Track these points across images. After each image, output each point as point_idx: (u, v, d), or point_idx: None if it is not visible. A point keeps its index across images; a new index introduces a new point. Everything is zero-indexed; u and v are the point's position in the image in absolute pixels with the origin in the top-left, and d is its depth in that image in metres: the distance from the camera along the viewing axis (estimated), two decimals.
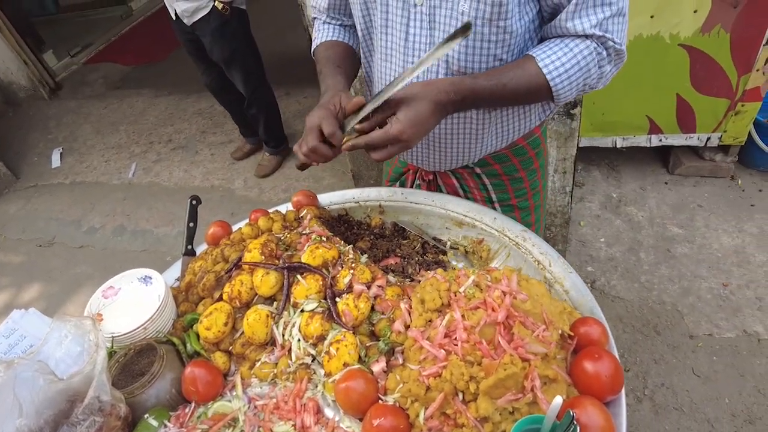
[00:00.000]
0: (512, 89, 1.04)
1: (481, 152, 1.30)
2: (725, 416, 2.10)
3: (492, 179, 1.39)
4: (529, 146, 1.36)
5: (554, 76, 1.03)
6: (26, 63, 5.77)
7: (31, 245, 3.88)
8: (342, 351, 0.94)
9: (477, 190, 1.42)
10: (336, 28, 1.35)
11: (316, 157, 1.09)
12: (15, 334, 1.05)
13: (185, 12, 3.14)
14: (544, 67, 1.02)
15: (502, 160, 1.36)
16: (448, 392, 0.85)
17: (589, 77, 1.05)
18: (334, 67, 1.24)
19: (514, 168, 1.38)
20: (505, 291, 0.90)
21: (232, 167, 4.19)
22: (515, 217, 1.45)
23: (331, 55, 1.28)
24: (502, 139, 1.28)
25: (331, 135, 1.04)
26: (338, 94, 1.12)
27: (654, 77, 2.76)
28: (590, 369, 0.85)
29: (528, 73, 1.04)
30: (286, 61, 5.48)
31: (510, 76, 1.04)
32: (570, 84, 1.04)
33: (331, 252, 1.10)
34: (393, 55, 1.17)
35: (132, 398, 0.99)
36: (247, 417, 0.97)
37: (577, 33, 1.02)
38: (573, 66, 1.02)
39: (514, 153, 1.35)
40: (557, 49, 1.03)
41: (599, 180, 3.32)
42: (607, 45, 1.04)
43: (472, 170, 1.38)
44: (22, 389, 0.84)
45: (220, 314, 1.04)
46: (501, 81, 1.03)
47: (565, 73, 1.02)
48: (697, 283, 2.60)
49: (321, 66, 1.27)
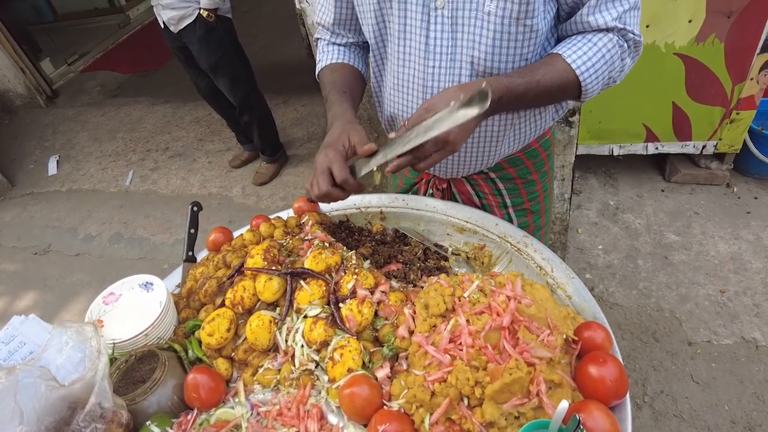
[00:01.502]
0: (545, 86, 1.04)
1: (498, 156, 1.30)
2: (725, 423, 2.10)
3: (506, 183, 1.39)
4: (541, 148, 1.37)
5: (583, 71, 1.03)
6: (23, 71, 5.76)
7: (27, 253, 3.85)
8: (346, 356, 0.94)
9: (492, 196, 1.41)
10: (340, 50, 1.33)
11: (329, 200, 1.08)
12: (15, 341, 1.04)
13: (171, 20, 3.19)
14: (572, 63, 1.03)
15: (516, 164, 1.36)
16: (454, 397, 0.85)
17: (613, 70, 1.07)
18: (340, 93, 1.22)
19: (528, 171, 1.38)
20: (509, 296, 0.90)
21: (229, 175, 4.19)
22: (528, 221, 1.46)
23: (336, 79, 1.27)
24: (518, 141, 1.29)
25: (343, 182, 1.03)
26: (347, 129, 1.09)
27: (650, 86, 2.79)
28: (595, 373, 0.85)
29: (557, 69, 1.04)
30: (284, 69, 5.51)
31: (542, 73, 1.04)
32: (597, 78, 1.05)
33: (334, 257, 1.10)
34: (412, 60, 1.15)
35: (133, 405, 0.99)
36: (250, 424, 0.97)
37: (599, 27, 1.03)
38: (599, 60, 1.03)
39: (527, 156, 1.36)
40: (581, 44, 1.04)
41: (596, 188, 3.33)
42: (627, 37, 1.05)
43: (487, 175, 1.38)
44: (24, 395, 0.83)
45: (222, 320, 1.04)
46: (534, 78, 1.03)
47: (592, 67, 1.03)
48: (694, 290, 2.61)
49: (327, 92, 1.26)
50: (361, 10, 1.19)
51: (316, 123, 4.58)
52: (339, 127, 1.11)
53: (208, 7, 3.14)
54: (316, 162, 1.08)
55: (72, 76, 6.65)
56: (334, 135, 1.10)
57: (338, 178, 1.03)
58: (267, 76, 4.38)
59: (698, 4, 2.47)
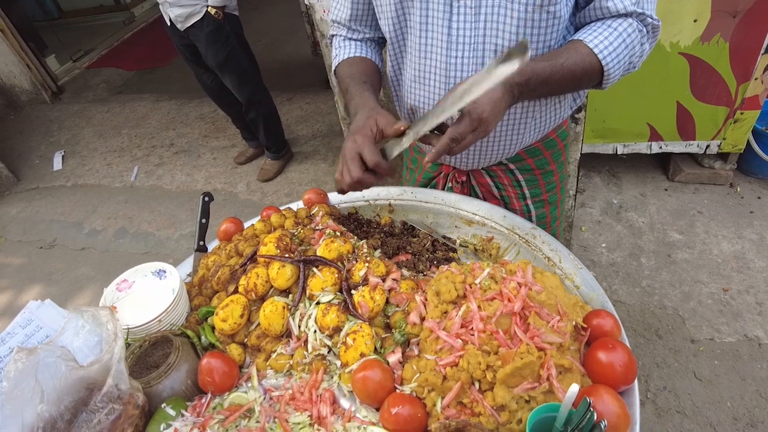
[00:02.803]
0: (569, 69, 1.05)
1: (519, 145, 1.31)
2: (727, 419, 2.11)
3: (525, 175, 1.40)
4: (558, 138, 1.39)
5: (605, 55, 1.04)
6: (29, 67, 5.79)
7: (32, 247, 3.87)
8: (359, 341, 0.95)
9: (511, 188, 1.43)
10: (356, 44, 1.34)
11: (361, 187, 1.05)
12: (31, 325, 1.06)
13: (179, 17, 3.19)
14: (594, 47, 1.04)
15: (535, 154, 1.37)
16: (465, 381, 0.86)
17: (633, 55, 1.08)
18: (361, 83, 1.22)
19: (546, 161, 1.40)
20: (520, 282, 0.92)
21: (234, 171, 4.21)
22: (545, 213, 1.47)
23: (355, 72, 1.26)
24: (538, 130, 1.30)
25: (376, 165, 1.01)
26: (372, 115, 1.08)
27: (655, 85, 2.80)
28: (604, 359, 0.86)
29: (581, 53, 1.05)
30: (289, 67, 5.54)
31: (566, 57, 1.05)
32: (619, 62, 1.06)
33: (346, 246, 1.11)
34: (434, 51, 1.15)
35: (148, 388, 1.00)
36: (263, 408, 0.98)
37: (618, 12, 1.05)
38: (620, 44, 1.04)
39: (545, 146, 1.37)
40: (602, 30, 1.05)
41: (600, 186, 3.35)
42: (646, 22, 1.07)
43: (506, 166, 1.40)
44: (45, 375, 0.85)
45: (236, 306, 1.05)
46: (558, 61, 1.04)
47: (614, 51, 1.04)
48: (697, 288, 2.62)
49: (346, 84, 1.25)
50: (379, 4, 1.20)
51: (321, 120, 4.60)
52: (364, 113, 1.10)
53: (215, 5, 3.16)
54: (344, 150, 1.05)
55: (77, 72, 6.68)
56: (360, 121, 1.08)
57: (370, 162, 1.00)
58: (272, 73, 4.39)
59: (703, 3, 2.49)
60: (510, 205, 1.45)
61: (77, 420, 0.87)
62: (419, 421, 0.87)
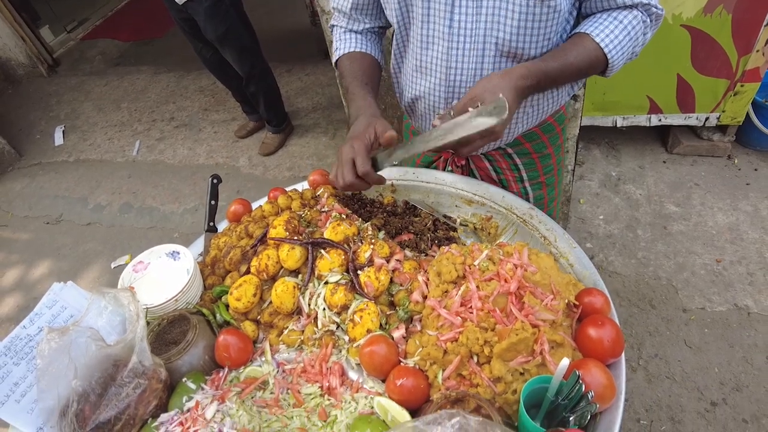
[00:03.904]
0: (577, 66, 1.09)
1: (517, 131, 1.35)
2: (714, 384, 2.22)
3: (523, 158, 1.44)
4: (556, 122, 1.42)
5: (610, 49, 1.08)
6: (23, 39, 5.71)
7: (39, 222, 3.93)
8: (365, 318, 1.02)
9: (509, 171, 1.47)
10: (357, 37, 1.36)
11: (352, 189, 1.13)
12: (57, 305, 1.12)
13: None
14: (600, 42, 1.07)
15: (532, 138, 1.41)
16: (464, 355, 0.93)
17: (636, 45, 1.12)
18: (362, 84, 1.25)
19: (543, 145, 1.44)
20: (516, 264, 0.97)
21: (235, 145, 4.23)
22: (542, 194, 1.52)
23: (356, 69, 1.29)
24: (536, 117, 1.34)
25: (365, 174, 1.08)
26: (372, 122, 1.13)
27: (655, 57, 2.80)
28: (594, 334, 0.93)
29: (587, 49, 1.08)
30: (287, 37, 5.46)
31: (574, 55, 1.08)
32: (623, 54, 1.10)
33: (352, 229, 1.17)
34: (435, 42, 1.18)
35: (169, 364, 1.07)
36: (277, 380, 1.06)
37: (624, 3, 1.07)
38: (625, 37, 1.08)
39: (543, 131, 1.41)
40: (607, 23, 1.08)
41: (599, 159, 3.38)
42: (651, 12, 1.10)
43: (504, 151, 1.43)
44: (77, 353, 0.92)
45: (249, 286, 1.12)
46: (567, 60, 1.08)
47: (619, 44, 1.08)
48: (691, 259, 2.69)
49: (347, 82, 1.29)
50: None
51: (321, 93, 4.59)
52: (365, 120, 1.15)
53: None
54: (341, 153, 1.11)
55: (72, 44, 6.59)
56: (360, 127, 1.13)
57: (359, 171, 1.07)
58: (270, 44, 4.33)
59: None
60: (508, 187, 1.50)
61: (107, 393, 0.95)
62: (422, 391, 0.94)
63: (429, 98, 1.28)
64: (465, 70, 1.18)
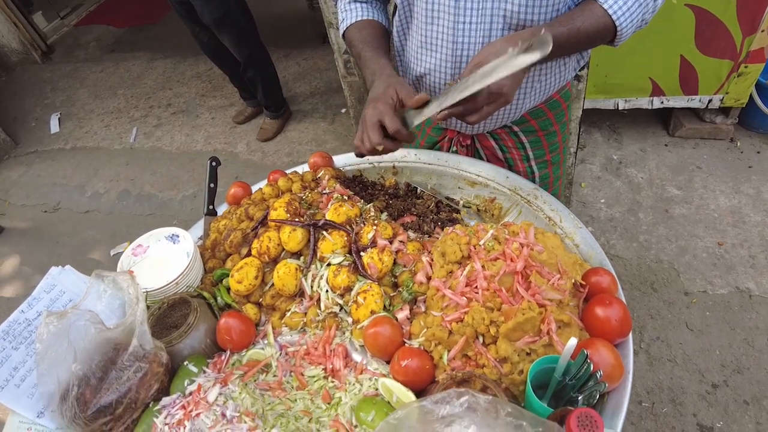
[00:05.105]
0: (585, 32, 1.06)
1: (523, 108, 1.32)
2: (715, 366, 2.22)
3: (529, 136, 1.42)
4: (562, 99, 1.40)
5: (619, 15, 1.04)
6: (17, 25, 5.62)
7: (37, 211, 3.90)
8: (369, 300, 1.01)
9: (515, 149, 1.45)
10: (363, 6, 1.33)
11: (379, 153, 1.09)
12: (55, 290, 1.11)
13: None
14: (608, 8, 1.04)
15: (538, 116, 1.39)
16: (470, 336, 0.92)
17: (646, 12, 1.08)
18: (374, 49, 1.23)
19: (550, 122, 1.41)
20: (522, 243, 0.96)
21: (233, 131, 4.18)
22: (548, 173, 1.50)
23: (366, 36, 1.27)
24: (543, 93, 1.31)
25: (396, 132, 1.05)
26: (392, 83, 1.11)
27: (659, 39, 2.75)
28: (601, 314, 0.92)
29: (595, 15, 1.05)
30: (284, 21, 5.38)
31: (582, 20, 1.05)
32: (632, 21, 1.07)
33: (354, 210, 1.15)
34: (441, 17, 1.16)
35: (170, 347, 1.06)
36: (280, 362, 1.05)
37: None
38: (633, 3, 1.04)
39: (549, 107, 1.38)
40: None
41: (600, 142, 3.35)
42: None
43: (510, 129, 1.41)
44: (76, 336, 0.91)
45: (250, 268, 1.10)
46: (575, 25, 1.05)
47: (627, 11, 1.05)
48: (693, 243, 2.68)
49: (358, 49, 1.26)
50: None
51: (319, 77, 4.53)
52: (384, 81, 1.13)
53: None
54: (364, 116, 1.09)
55: (66, 30, 6.49)
56: (380, 89, 1.11)
57: (391, 129, 1.05)
58: (267, 28, 4.26)
59: None
60: (514, 167, 1.48)
61: (108, 377, 0.94)
62: (427, 372, 0.93)
63: (435, 74, 1.25)
64: (472, 44, 1.15)
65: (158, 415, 0.94)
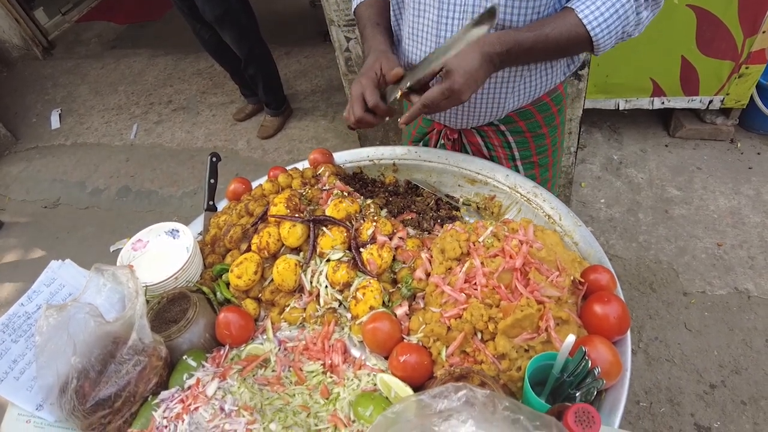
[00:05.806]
0: (554, 39, 1.07)
1: (507, 108, 1.33)
2: (713, 367, 2.22)
3: (516, 137, 1.42)
4: (552, 102, 1.39)
5: (594, 26, 1.05)
6: (18, 21, 5.62)
7: (37, 206, 3.90)
8: (368, 296, 1.01)
9: (501, 148, 1.45)
10: None
11: (363, 125, 1.15)
12: (55, 283, 1.11)
13: None
14: (584, 18, 1.05)
15: (526, 117, 1.39)
16: (468, 332, 0.92)
17: (627, 25, 1.08)
18: (374, 25, 1.28)
19: (538, 124, 1.41)
20: (522, 240, 0.96)
21: (234, 128, 4.18)
22: (534, 174, 1.50)
23: (371, 13, 1.31)
24: (528, 94, 1.31)
25: (374, 107, 1.10)
26: (379, 59, 1.16)
27: (660, 39, 2.75)
28: (600, 311, 0.92)
29: (568, 23, 1.06)
30: (286, 19, 5.38)
31: (552, 27, 1.06)
32: (609, 34, 1.07)
33: (354, 206, 1.15)
34: (427, 10, 1.18)
35: (169, 341, 1.06)
36: (279, 358, 1.05)
37: None
38: (612, 15, 1.04)
39: (538, 109, 1.38)
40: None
41: (601, 142, 3.35)
42: None
43: (497, 128, 1.42)
44: (75, 329, 0.91)
45: (250, 264, 1.10)
46: (543, 31, 1.06)
47: (604, 22, 1.05)
48: (692, 243, 2.68)
49: (362, 27, 1.31)
50: None
51: (320, 75, 4.53)
52: (373, 57, 1.19)
53: None
54: (351, 90, 1.15)
55: (67, 26, 6.49)
56: (368, 64, 1.17)
57: (369, 103, 1.10)
58: (268, 25, 4.25)
59: None
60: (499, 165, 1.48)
61: (107, 371, 0.94)
62: (425, 368, 0.93)
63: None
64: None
65: (157, 408, 0.94)
